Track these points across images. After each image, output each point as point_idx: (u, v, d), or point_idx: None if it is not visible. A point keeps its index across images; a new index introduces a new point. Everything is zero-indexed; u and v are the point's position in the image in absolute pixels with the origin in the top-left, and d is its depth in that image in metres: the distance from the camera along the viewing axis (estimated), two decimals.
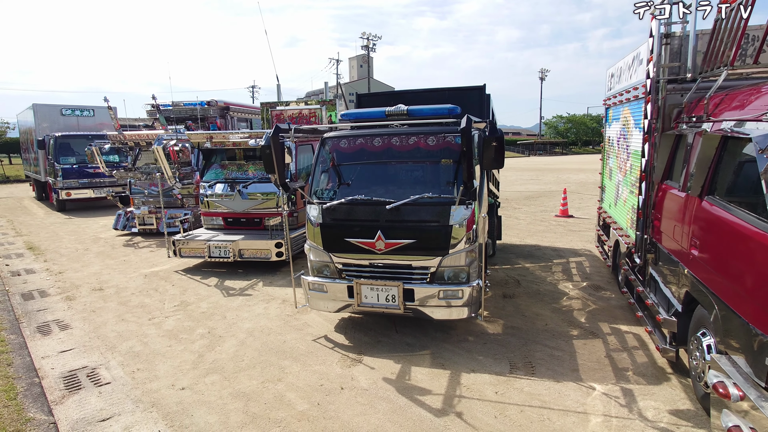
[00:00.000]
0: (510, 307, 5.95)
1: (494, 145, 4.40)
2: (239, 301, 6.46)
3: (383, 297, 4.79)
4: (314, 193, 5.26)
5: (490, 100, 6.38)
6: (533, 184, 22.35)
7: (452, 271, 4.77)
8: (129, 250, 9.92)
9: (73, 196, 16.10)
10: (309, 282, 5.10)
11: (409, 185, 5.06)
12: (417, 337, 5.12)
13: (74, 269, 8.37)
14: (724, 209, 3.30)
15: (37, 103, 17.61)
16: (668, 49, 4.85)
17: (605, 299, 6.19)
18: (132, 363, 4.70)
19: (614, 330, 5.22)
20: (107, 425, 3.65)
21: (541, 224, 11.73)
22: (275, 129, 4.79)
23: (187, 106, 12.38)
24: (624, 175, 6.20)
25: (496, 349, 4.80)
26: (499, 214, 9.49)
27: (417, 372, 4.37)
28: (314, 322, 5.63)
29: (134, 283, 7.47)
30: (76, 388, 4.21)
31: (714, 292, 3.30)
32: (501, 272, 7.54)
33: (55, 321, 5.86)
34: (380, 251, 4.79)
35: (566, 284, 6.86)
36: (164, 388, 4.18)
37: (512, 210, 14.11)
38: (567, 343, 4.91)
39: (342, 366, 4.52)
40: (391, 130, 5.18)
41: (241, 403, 3.92)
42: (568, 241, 9.69)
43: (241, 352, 4.88)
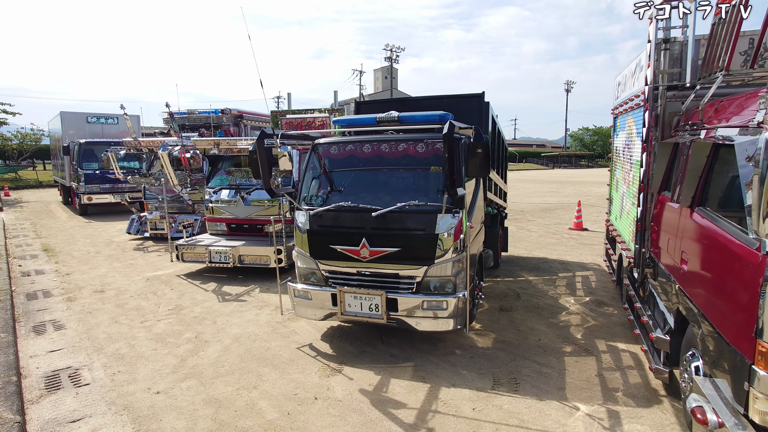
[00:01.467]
0: (504, 321, 5.76)
1: (479, 151, 4.28)
2: (232, 307, 6.45)
3: (366, 306, 4.69)
4: (303, 200, 5.23)
5: (489, 107, 6.26)
6: (552, 196, 21.91)
7: (438, 281, 4.64)
8: (137, 254, 10.09)
9: (94, 201, 16.57)
10: (294, 289, 5.04)
11: (397, 193, 4.96)
12: (402, 349, 4.98)
13: (82, 271, 8.55)
14: (712, 221, 3.10)
15: (64, 111, 18.27)
16: (668, 55, 4.65)
17: (606, 315, 5.93)
18: (115, 365, 4.71)
19: (610, 348, 4.97)
20: (76, 426, 3.64)
21: (552, 237, 11.43)
22: (260, 134, 4.79)
23: (202, 114, 12.62)
24: (627, 187, 5.97)
25: (481, 363, 4.63)
26: (506, 226, 9.31)
27: (396, 384, 4.24)
28: (302, 330, 5.56)
29: (135, 286, 7.56)
30: (55, 388, 4.24)
31: (700, 309, 3.10)
32: (502, 285, 7.33)
33: (52, 321, 5.96)
34: (365, 259, 4.70)
35: (568, 299, 6.61)
36: (140, 392, 4.17)
37: (525, 222, 13.82)
38: (558, 359, 4.70)
39: (320, 375, 4.43)
40: (378, 137, 5.12)
41: (212, 409, 3.86)
42: (578, 255, 9.39)
43: (223, 357, 4.85)
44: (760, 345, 2.31)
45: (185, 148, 9.97)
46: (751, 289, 2.35)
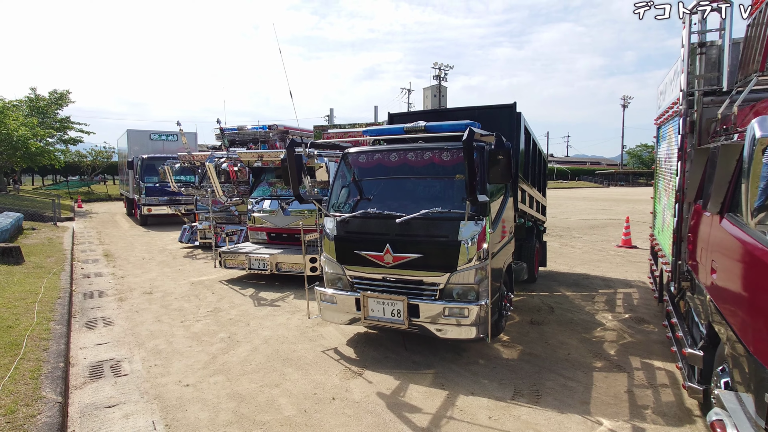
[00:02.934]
0: (534, 334, 5.61)
1: (500, 158, 4.27)
2: (266, 311, 6.68)
3: (389, 311, 4.74)
4: (332, 206, 5.39)
5: (521, 118, 6.21)
6: (603, 214, 21.05)
7: (461, 288, 4.63)
8: (186, 261, 10.66)
9: (153, 212, 17.68)
10: (321, 293, 5.18)
11: (423, 200, 5.03)
12: (425, 356, 4.97)
13: (135, 275, 9.14)
14: (740, 227, 2.94)
15: (130, 129, 19.75)
16: (704, 59, 4.48)
17: (645, 333, 5.64)
18: (152, 359, 5.01)
19: (645, 365, 4.73)
20: (110, 411, 3.90)
21: (597, 254, 10.99)
22: (290, 142, 5.02)
23: (251, 130, 13.27)
24: (668, 198, 5.71)
25: (504, 374, 4.54)
26: (544, 240, 9.08)
27: (414, 390, 4.24)
28: (329, 335, 5.67)
29: (180, 289, 7.99)
30: (97, 377, 4.57)
31: (727, 319, 2.92)
32: (536, 299, 7.14)
33: (102, 318, 6.41)
34: (388, 264, 4.78)
35: (605, 315, 6.34)
36: (171, 384, 4.41)
37: (570, 239, 13.37)
38: (586, 374, 4.52)
39: (341, 378, 4.50)
40: (404, 146, 5.23)
41: (234, 403, 4.03)
42: (623, 272, 8.98)
43: (251, 357, 5.03)
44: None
45: (232, 161, 10.50)
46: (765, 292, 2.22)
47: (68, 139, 28.82)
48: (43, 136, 23.70)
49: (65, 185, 37.42)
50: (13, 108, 23.19)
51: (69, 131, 28.82)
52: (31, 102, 27.20)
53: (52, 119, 27.92)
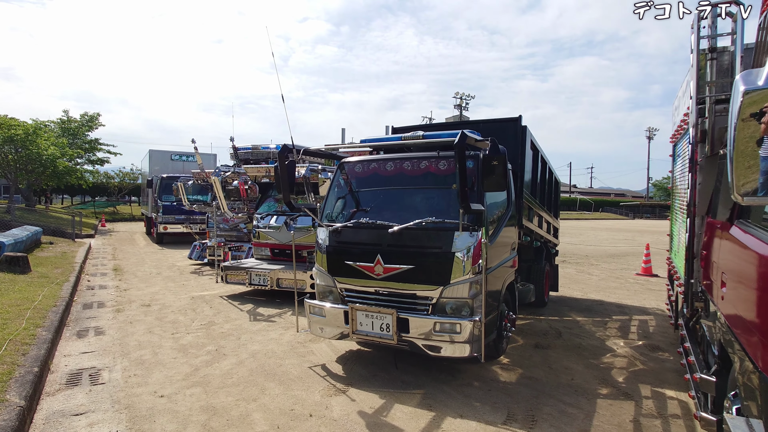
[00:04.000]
0: (537, 358, 5.24)
1: (495, 164, 4.06)
2: (261, 326, 6.48)
3: (378, 325, 4.49)
4: (326, 216, 5.24)
5: (526, 132, 6.00)
6: (625, 244, 20.36)
7: (454, 303, 4.36)
8: (192, 277, 10.60)
9: (169, 230, 17.85)
10: (310, 305, 4.97)
11: (419, 210, 4.84)
12: (417, 376, 4.67)
13: (138, 288, 9.09)
14: (748, 231, 2.64)
15: (152, 150, 20.26)
16: (715, 65, 4.23)
17: (658, 360, 5.21)
18: (134, 369, 4.83)
19: (656, 394, 4.32)
20: (76, 419, 3.72)
21: (615, 281, 10.49)
22: (282, 148, 4.91)
23: (264, 149, 13.38)
24: (683, 216, 5.36)
25: (499, 397, 4.20)
26: (556, 263, 8.71)
27: (398, 410, 3.94)
28: (320, 351, 5.42)
29: (179, 303, 7.88)
30: (73, 384, 4.41)
31: (736, 335, 2.59)
32: (544, 323, 6.76)
33: (95, 327, 6.31)
34: (378, 276, 4.55)
35: (617, 341, 5.92)
36: (146, 394, 4.21)
37: (587, 266, 12.86)
38: (589, 401, 4.14)
39: (323, 395, 4.23)
40: (400, 155, 5.08)
41: (206, 416, 3.80)
42: (641, 300, 8.49)
43: (234, 370, 4.81)
44: None
45: (240, 177, 10.53)
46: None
47: (96, 160, 29.74)
48: (71, 156, 24.50)
49: (92, 205, 38.50)
50: (45, 129, 24.13)
51: (97, 152, 29.77)
52: (63, 123, 28.32)
53: (82, 140, 28.95)
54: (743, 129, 1.54)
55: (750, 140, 1.53)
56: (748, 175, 1.55)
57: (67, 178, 24.54)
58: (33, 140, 20.67)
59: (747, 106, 1.51)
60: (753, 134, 1.52)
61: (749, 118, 1.50)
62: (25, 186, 25.21)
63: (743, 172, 1.55)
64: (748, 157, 1.54)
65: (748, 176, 1.55)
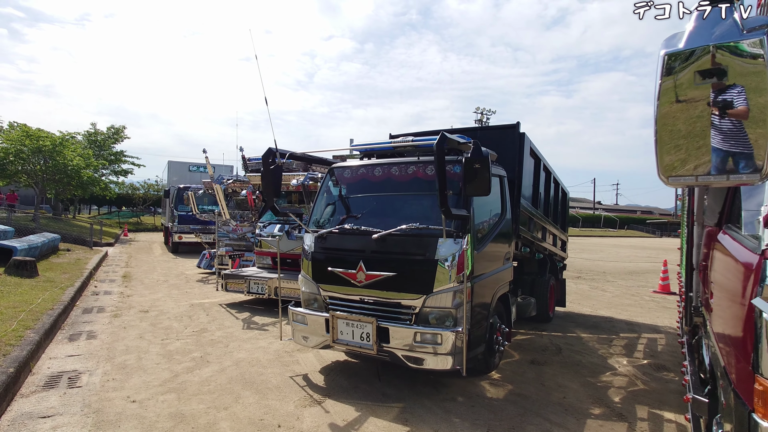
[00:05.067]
0: (531, 374, 4.98)
1: (477, 166, 3.88)
2: (252, 335, 6.37)
3: (358, 334, 4.33)
4: (313, 222, 5.14)
5: (524, 138, 5.81)
6: (646, 262, 19.68)
7: (437, 313, 4.17)
8: (197, 285, 10.63)
9: (183, 240, 18.07)
10: (293, 313, 4.84)
11: (404, 216, 4.67)
12: (399, 389, 4.47)
13: (141, 295, 9.14)
14: (735, 237, 2.41)
15: (171, 161, 20.71)
16: None
17: (662, 381, 4.87)
18: (114, 373, 4.78)
19: (653, 416, 4.01)
20: (43, 422, 3.66)
21: (629, 298, 10.04)
22: (266, 152, 4.85)
23: None
24: None
25: (481, 413, 3.96)
26: (563, 278, 8.40)
27: (372, 423, 3.75)
28: (306, 361, 5.27)
29: (178, 309, 7.86)
30: (50, 387, 4.37)
31: (719, 349, 2.35)
32: (545, 338, 6.46)
33: (88, 332, 6.32)
34: (360, 283, 4.41)
35: (620, 359, 5.59)
36: (118, 399, 4.13)
37: (603, 282, 12.40)
38: (578, 421, 3.87)
39: (298, 405, 4.07)
40: (388, 160, 4.95)
41: (172, 423, 3.68)
42: (653, 317, 8.07)
43: (214, 377, 4.70)
44: (759, 382, 1.64)
45: (250, 187, 10.57)
46: (746, 302, 1.71)
47: (120, 171, 30.57)
48: (96, 166, 25.23)
49: (116, 215, 39.51)
50: (72, 140, 24.94)
51: (122, 164, 30.62)
52: (90, 136, 29.27)
53: (108, 152, 29.85)
54: (666, 94, 1.36)
55: (672, 104, 1.35)
56: (673, 153, 1.37)
57: (92, 188, 25.22)
58: (60, 151, 21.36)
59: (668, 69, 1.34)
60: (674, 100, 1.34)
61: (670, 80, 1.32)
62: (53, 195, 26.04)
63: (668, 148, 1.37)
64: (673, 131, 1.36)
65: (672, 153, 1.37)
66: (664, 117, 1.37)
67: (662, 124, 1.38)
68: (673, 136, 1.36)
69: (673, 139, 1.36)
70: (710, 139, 1.32)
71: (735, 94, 1.50)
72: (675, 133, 1.36)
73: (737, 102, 1.49)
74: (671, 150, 1.36)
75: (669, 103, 1.37)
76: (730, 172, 1.32)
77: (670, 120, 1.37)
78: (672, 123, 1.36)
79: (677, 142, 1.35)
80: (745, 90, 1.45)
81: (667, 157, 1.38)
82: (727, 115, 1.48)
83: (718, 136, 1.33)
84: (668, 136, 1.37)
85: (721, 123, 1.34)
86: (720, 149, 1.33)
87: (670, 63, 1.36)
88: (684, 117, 1.34)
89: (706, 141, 1.32)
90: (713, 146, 1.33)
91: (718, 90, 1.54)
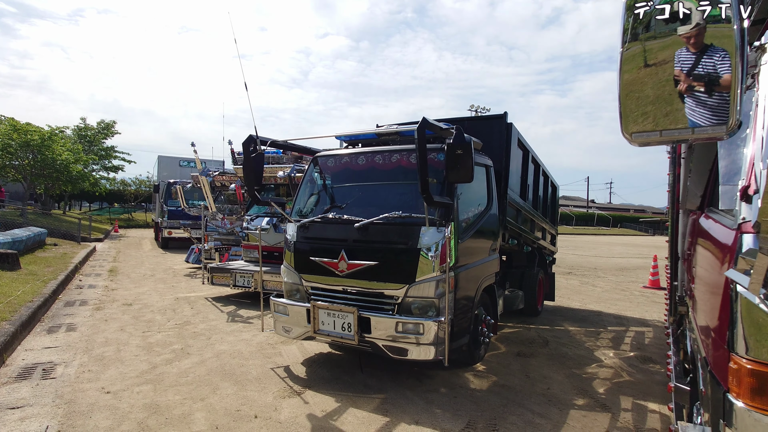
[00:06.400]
0: (516, 366, 4.92)
1: (459, 152, 3.81)
2: (235, 327, 6.28)
3: (339, 324, 4.25)
4: (296, 212, 5.05)
5: (512, 129, 5.74)
6: (637, 258, 19.73)
7: (420, 303, 4.10)
8: (184, 279, 10.51)
9: (173, 235, 17.89)
10: (274, 303, 4.75)
11: (388, 205, 4.59)
12: (381, 380, 4.40)
13: (126, 288, 9.01)
14: (714, 218, 2.35)
15: (161, 156, 20.48)
16: None
17: (647, 373, 4.83)
18: (91, 365, 4.67)
19: (636, 406, 3.97)
20: (11, 413, 3.55)
21: (619, 293, 10.03)
22: (247, 139, 4.76)
23: (265, 153, 13.32)
24: None
25: (463, 404, 3.89)
26: (552, 272, 8.36)
27: (351, 414, 3.67)
28: (288, 353, 5.19)
29: (162, 303, 7.74)
30: (23, 378, 4.26)
31: (698, 333, 2.30)
32: (533, 331, 6.41)
33: (68, 324, 6.19)
34: (342, 273, 4.33)
35: (606, 351, 5.55)
36: (92, 390, 4.03)
37: (593, 278, 12.39)
38: (561, 411, 3.81)
39: (276, 396, 3.99)
40: (371, 149, 4.87)
41: (145, 414, 3.59)
42: (642, 312, 8.05)
43: (192, 369, 4.61)
44: (734, 361, 1.57)
45: (238, 181, 10.45)
46: (722, 279, 1.65)
47: (110, 167, 30.24)
48: (85, 161, 24.92)
49: (107, 211, 39.17)
50: (61, 135, 24.62)
51: (113, 160, 30.29)
52: (80, 131, 28.93)
53: (99, 148, 29.50)
54: (631, 47, 1.29)
55: (637, 60, 1.28)
56: (637, 106, 1.29)
57: (81, 183, 24.92)
58: (48, 146, 21.08)
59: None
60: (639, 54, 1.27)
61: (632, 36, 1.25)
62: (43, 191, 25.72)
63: (632, 103, 1.30)
64: (638, 84, 1.29)
65: (637, 109, 1.29)
66: (627, 60, 1.30)
67: (626, 69, 1.30)
68: (637, 85, 1.28)
69: (636, 88, 1.29)
70: (676, 94, 1.25)
71: (717, 61, 1.43)
72: (638, 81, 1.29)
73: (721, 70, 1.41)
74: (635, 108, 1.28)
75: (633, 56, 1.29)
76: (696, 126, 1.26)
77: (634, 66, 1.29)
78: (635, 73, 1.29)
79: (641, 94, 1.28)
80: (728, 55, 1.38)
81: (631, 114, 1.31)
82: (710, 88, 1.41)
83: (684, 91, 1.26)
84: (631, 87, 1.29)
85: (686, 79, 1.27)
86: (686, 103, 1.26)
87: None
88: (650, 76, 1.27)
89: (673, 95, 1.25)
90: (679, 100, 1.26)
91: (697, 59, 1.48)
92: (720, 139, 1.33)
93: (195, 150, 12.79)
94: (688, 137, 1.29)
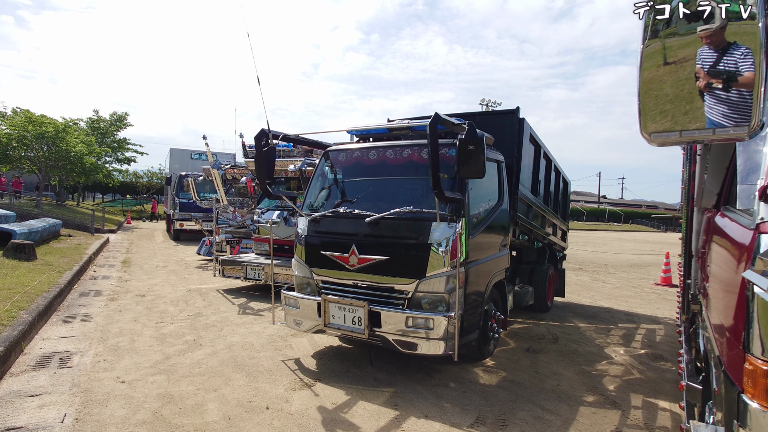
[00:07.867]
0: (525, 362, 4.92)
1: (471, 148, 3.79)
2: (247, 319, 6.35)
3: (350, 318, 4.28)
4: (307, 206, 5.08)
5: (524, 124, 5.70)
6: (649, 255, 19.55)
7: (430, 297, 4.11)
8: (196, 271, 10.62)
9: (185, 227, 18.06)
10: (285, 296, 4.80)
11: (399, 199, 4.60)
12: (391, 374, 4.43)
13: (140, 280, 9.13)
14: (729, 216, 2.32)
15: (172, 148, 20.65)
16: None
17: (658, 370, 4.81)
18: (106, 354, 4.76)
19: (647, 404, 3.95)
20: (30, 400, 3.64)
21: (630, 290, 9.96)
22: (259, 133, 4.78)
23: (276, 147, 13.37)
24: None
25: (473, 399, 3.91)
26: (562, 268, 8.32)
27: (361, 407, 3.71)
28: (299, 345, 5.24)
29: (175, 294, 7.84)
30: (40, 367, 4.35)
31: (713, 332, 2.28)
32: (543, 327, 6.39)
33: (84, 314, 6.30)
34: (353, 267, 4.35)
35: (617, 348, 5.53)
36: (108, 379, 4.11)
37: (604, 274, 12.31)
38: (571, 408, 3.81)
39: (287, 388, 4.04)
40: (383, 144, 4.87)
41: (159, 403, 3.66)
42: (654, 309, 7.99)
43: (205, 360, 4.68)
44: (749, 361, 1.57)
45: (249, 174, 10.51)
46: (738, 278, 1.64)
47: (123, 159, 30.56)
48: (99, 153, 25.21)
49: (120, 203, 39.65)
50: (75, 127, 24.90)
51: (125, 152, 30.60)
52: (93, 123, 29.24)
53: (111, 140, 29.82)
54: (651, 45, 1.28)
55: (657, 57, 1.26)
56: (657, 106, 1.28)
57: (94, 175, 25.22)
58: (62, 137, 21.34)
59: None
60: (659, 53, 1.25)
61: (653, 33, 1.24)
62: (57, 182, 26.10)
63: (651, 101, 1.28)
64: (657, 81, 1.28)
65: (656, 107, 1.28)
66: (647, 58, 1.29)
67: (645, 67, 1.29)
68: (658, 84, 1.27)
69: (657, 88, 1.27)
70: (697, 92, 1.24)
71: (740, 59, 1.40)
72: (659, 82, 1.27)
73: (744, 68, 1.39)
74: (654, 106, 1.27)
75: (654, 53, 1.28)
76: (717, 126, 1.24)
77: (653, 63, 1.28)
78: (655, 71, 1.28)
79: (660, 93, 1.26)
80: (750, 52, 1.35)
81: (650, 113, 1.29)
82: (731, 87, 1.39)
83: (705, 90, 1.25)
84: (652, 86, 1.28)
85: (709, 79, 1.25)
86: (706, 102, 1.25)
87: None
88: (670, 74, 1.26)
89: (693, 93, 1.23)
90: (699, 98, 1.24)
91: (718, 57, 1.45)
92: (741, 140, 1.31)
93: (207, 143, 12.88)
94: (708, 138, 1.27)
